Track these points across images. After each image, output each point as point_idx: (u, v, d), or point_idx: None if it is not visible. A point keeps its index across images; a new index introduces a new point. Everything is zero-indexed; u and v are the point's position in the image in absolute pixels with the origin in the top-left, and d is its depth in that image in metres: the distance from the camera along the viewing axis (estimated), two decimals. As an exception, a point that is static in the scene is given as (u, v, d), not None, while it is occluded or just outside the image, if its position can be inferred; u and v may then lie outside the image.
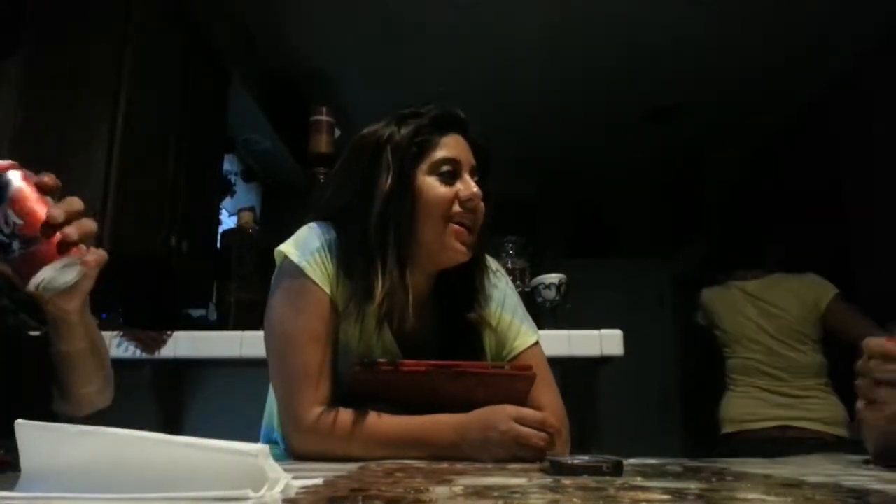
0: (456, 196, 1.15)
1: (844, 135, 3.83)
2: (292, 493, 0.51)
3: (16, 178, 0.81)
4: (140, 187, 2.87)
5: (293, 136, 4.48)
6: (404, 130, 1.17)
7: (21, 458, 0.51)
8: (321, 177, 2.32)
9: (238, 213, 3.21)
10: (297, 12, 3.91)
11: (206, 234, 3.44)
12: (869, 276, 3.56)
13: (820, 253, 3.86)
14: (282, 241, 1.21)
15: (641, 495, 0.55)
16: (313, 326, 1.13)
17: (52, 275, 0.82)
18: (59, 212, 0.82)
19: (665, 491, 0.58)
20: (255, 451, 0.49)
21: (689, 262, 5.35)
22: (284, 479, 0.51)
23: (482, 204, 1.17)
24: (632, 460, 0.88)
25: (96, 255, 0.86)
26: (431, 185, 1.16)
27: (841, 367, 2.33)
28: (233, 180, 4.42)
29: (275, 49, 4.26)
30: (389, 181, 1.14)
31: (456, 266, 1.20)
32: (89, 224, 0.85)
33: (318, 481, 0.59)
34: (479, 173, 1.20)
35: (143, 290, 2.97)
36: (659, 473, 0.77)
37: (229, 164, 4.37)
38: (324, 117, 2.33)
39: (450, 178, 1.16)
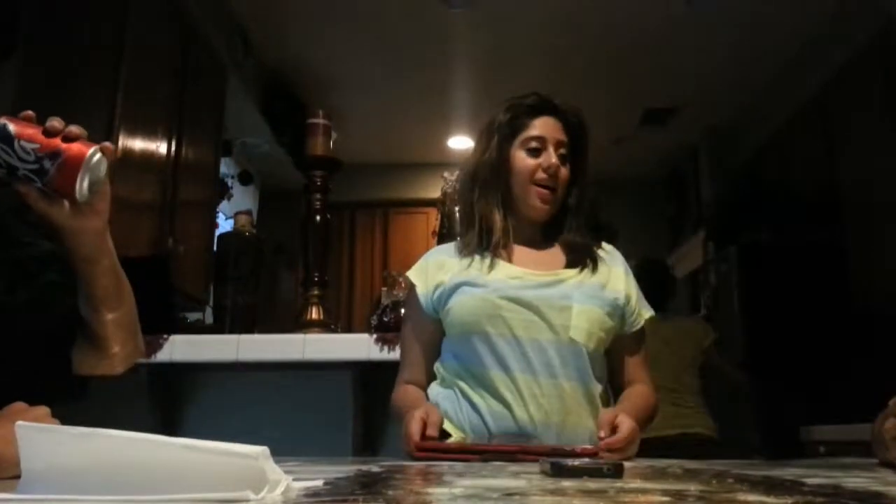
0: (539, 166, 1.45)
1: (844, 135, 3.83)
2: (293, 495, 0.51)
3: (7, 120, 0.88)
4: (137, 190, 2.86)
5: (291, 139, 4.48)
6: (504, 116, 1.50)
7: (21, 459, 0.50)
8: (318, 180, 2.31)
9: (235, 216, 3.22)
10: (295, 16, 3.91)
11: (203, 237, 3.44)
12: (868, 277, 3.56)
13: (818, 253, 3.87)
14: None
15: (641, 497, 0.55)
16: (409, 328, 1.53)
17: (88, 174, 0.87)
18: (55, 121, 0.88)
19: (665, 493, 0.58)
20: (255, 454, 0.49)
21: (687, 260, 5.35)
22: (285, 480, 0.50)
23: (562, 169, 1.47)
24: (632, 462, 0.88)
25: (108, 143, 0.91)
26: (520, 157, 1.48)
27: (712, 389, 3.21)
28: (229, 183, 4.42)
29: (273, 52, 4.26)
30: (489, 153, 1.49)
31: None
32: (79, 127, 0.90)
33: (319, 483, 0.58)
34: (574, 146, 1.50)
35: (140, 294, 2.96)
36: (659, 475, 0.77)
37: (226, 168, 4.36)
38: (321, 120, 2.32)
39: (535, 152, 1.47)
